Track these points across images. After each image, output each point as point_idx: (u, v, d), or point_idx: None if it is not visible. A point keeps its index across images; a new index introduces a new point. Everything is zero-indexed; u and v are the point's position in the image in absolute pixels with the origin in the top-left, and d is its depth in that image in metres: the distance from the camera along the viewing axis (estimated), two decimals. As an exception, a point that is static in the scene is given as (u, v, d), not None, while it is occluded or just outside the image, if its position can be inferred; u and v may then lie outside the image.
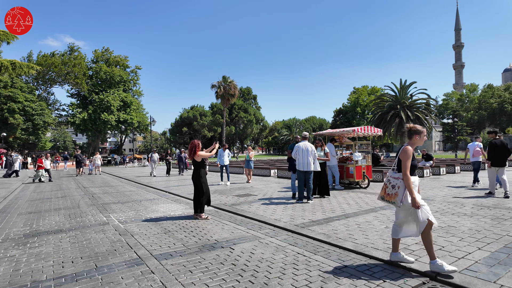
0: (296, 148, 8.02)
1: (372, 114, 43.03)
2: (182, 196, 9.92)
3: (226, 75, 47.31)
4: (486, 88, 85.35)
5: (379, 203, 7.62)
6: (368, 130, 10.40)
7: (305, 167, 7.89)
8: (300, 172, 7.98)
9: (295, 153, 8.06)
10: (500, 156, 8.27)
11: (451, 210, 6.53)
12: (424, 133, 3.67)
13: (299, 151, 7.95)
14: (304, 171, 7.93)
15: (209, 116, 65.98)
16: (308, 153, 7.92)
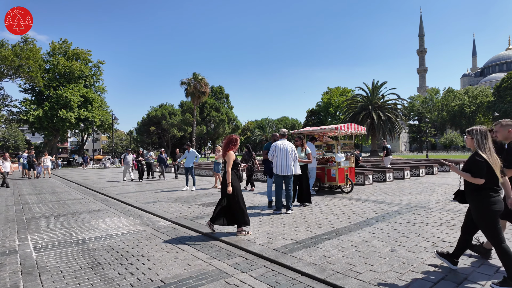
0: (273, 148, 6.67)
1: (344, 115, 43.02)
2: (135, 206, 8.21)
3: (196, 72, 45.24)
4: (447, 92, 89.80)
5: (369, 212, 6.46)
6: (352, 128, 9.30)
7: (284, 171, 6.56)
8: (278, 176, 6.63)
9: (272, 154, 6.70)
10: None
11: (460, 223, 5.46)
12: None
13: (277, 151, 6.60)
14: (283, 175, 6.60)
15: (178, 115, 63.15)
16: (287, 153, 6.60)
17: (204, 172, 17.93)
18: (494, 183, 3.06)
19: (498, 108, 67.43)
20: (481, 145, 3.10)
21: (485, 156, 3.03)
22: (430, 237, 4.63)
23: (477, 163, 3.03)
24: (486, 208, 3.03)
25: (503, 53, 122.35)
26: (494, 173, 3.02)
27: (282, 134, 6.81)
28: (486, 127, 3.25)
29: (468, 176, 3.11)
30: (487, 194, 3.04)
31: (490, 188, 3.05)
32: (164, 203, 8.51)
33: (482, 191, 3.06)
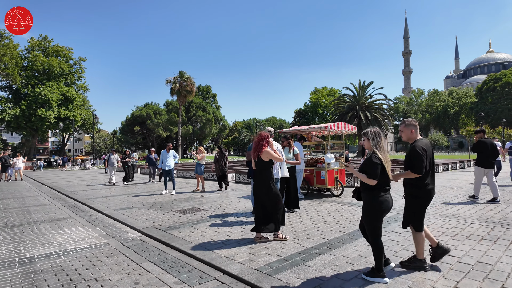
0: None
1: (332, 115, 42.87)
2: (105, 213, 7.39)
3: (183, 71, 44.15)
4: (431, 93, 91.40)
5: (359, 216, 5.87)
6: (342, 127, 8.74)
7: (277, 173, 5.89)
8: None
9: None
10: (491, 157, 7.39)
11: (463, 232, 4.93)
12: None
13: None
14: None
15: (164, 115, 61.70)
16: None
17: (189, 174, 17.09)
18: (385, 183, 3.18)
19: (480, 109, 68.96)
20: (377, 144, 3.22)
21: (381, 156, 3.15)
22: (434, 251, 4.05)
23: (374, 164, 3.12)
24: (374, 206, 3.16)
25: (484, 55, 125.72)
26: (386, 174, 3.15)
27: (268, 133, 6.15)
28: (378, 129, 3.36)
29: (364, 177, 3.18)
30: (377, 194, 3.16)
31: (381, 188, 3.17)
32: (138, 209, 7.72)
33: (374, 190, 3.18)
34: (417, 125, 3.53)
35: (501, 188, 9.76)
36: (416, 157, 3.27)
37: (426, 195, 3.34)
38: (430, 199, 3.38)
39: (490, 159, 7.41)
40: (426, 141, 3.45)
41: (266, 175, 4.61)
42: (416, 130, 3.51)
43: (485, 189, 9.55)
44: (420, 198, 3.36)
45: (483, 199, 7.84)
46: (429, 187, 3.34)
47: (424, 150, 3.30)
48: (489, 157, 7.40)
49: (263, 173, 4.62)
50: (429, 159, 3.37)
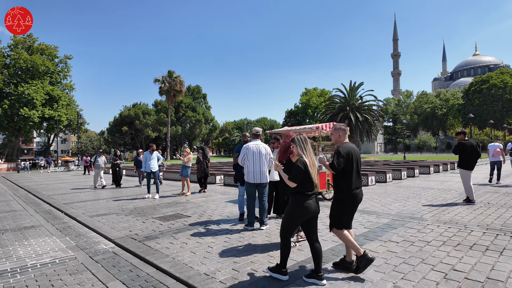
0: (244, 151, 5.55)
1: (323, 116, 42.73)
2: (79, 221, 6.81)
3: (172, 70, 43.34)
4: (420, 94, 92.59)
5: (357, 226, 5.47)
6: (334, 127, 8.35)
7: (258, 178, 5.46)
8: (251, 185, 5.51)
9: (243, 158, 5.58)
10: (472, 159, 7.55)
11: (465, 241, 4.56)
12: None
13: (249, 154, 5.49)
14: (256, 183, 5.49)
15: (153, 115, 60.58)
16: (261, 157, 5.50)
17: (176, 176, 16.43)
18: (308, 189, 3.23)
19: (467, 111, 70.02)
20: (304, 150, 3.30)
21: (307, 161, 3.22)
22: (437, 264, 3.67)
23: (297, 168, 3.19)
24: (294, 210, 3.22)
25: (471, 58, 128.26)
26: (310, 179, 3.21)
27: (255, 134, 5.71)
28: (305, 136, 3.42)
29: (286, 177, 3.30)
30: (300, 198, 3.21)
31: (303, 193, 3.23)
32: (116, 215, 7.15)
33: (297, 195, 3.25)
34: (346, 129, 3.65)
35: (500, 189, 9.57)
36: (337, 156, 3.39)
37: (350, 198, 3.41)
38: (356, 202, 3.45)
39: (471, 160, 7.52)
40: (351, 145, 3.52)
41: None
42: (344, 134, 3.62)
43: (480, 191, 9.31)
44: (344, 201, 3.44)
45: (479, 202, 7.57)
46: (353, 191, 3.41)
47: (347, 153, 3.40)
48: (470, 158, 7.50)
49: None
50: (355, 163, 3.46)
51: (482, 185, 11.00)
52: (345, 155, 3.36)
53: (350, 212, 3.48)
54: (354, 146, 3.54)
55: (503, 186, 10.55)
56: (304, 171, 3.17)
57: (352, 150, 3.46)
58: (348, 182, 3.40)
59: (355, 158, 3.45)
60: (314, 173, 3.23)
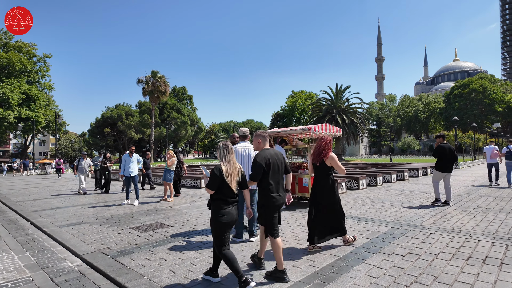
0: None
1: (309, 118, 42.64)
2: (45, 232, 6.07)
3: (156, 70, 42.21)
4: (403, 98, 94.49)
5: (352, 233, 5.01)
6: (327, 129, 7.91)
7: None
8: (239, 192, 4.95)
9: None
10: (449, 162, 7.75)
11: (476, 253, 4.16)
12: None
13: (237, 157, 4.93)
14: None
15: (136, 116, 59.01)
16: (249, 160, 4.97)
17: (160, 180, 15.68)
18: (226, 195, 3.19)
19: (449, 114, 71.83)
20: (222, 157, 3.28)
21: (224, 168, 3.19)
22: (453, 283, 3.22)
23: (213, 175, 3.18)
24: (215, 218, 3.18)
25: (451, 63, 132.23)
26: (228, 186, 3.17)
27: (243, 135, 5.15)
28: (228, 141, 3.40)
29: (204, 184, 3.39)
30: (218, 205, 3.19)
31: (221, 199, 3.19)
32: (89, 225, 6.44)
33: (216, 201, 3.22)
34: (266, 136, 3.73)
35: (493, 192, 9.38)
36: (253, 166, 3.46)
37: (270, 203, 3.45)
38: (276, 207, 3.49)
39: (448, 163, 7.70)
40: (270, 152, 3.57)
41: (332, 179, 4.48)
42: (263, 140, 3.72)
43: (473, 195, 9.08)
44: (266, 206, 3.48)
45: (476, 206, 7.29)
46: (272, 195, 3.46)
47: (264, 160, 3.45)
48: (447, 162, 7.68)
49: (326, 179, 4.43)
50: (275, 168, 3.52)
51: (479, 187, 11.25)
52: (261, 163, 3.43)
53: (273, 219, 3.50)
54: (274, 152, 3.61)
55: (497, 188, 10.74)
56: (219, 177, 3.15)
57: (271, 156, 3.54)
58: (266, 188, 3.47)
59: (274, 164, 3.52)
60: (233, 181, 3.20)
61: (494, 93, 66.72)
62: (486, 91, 66.81)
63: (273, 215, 3.49)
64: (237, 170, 3.28)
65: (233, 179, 3.21)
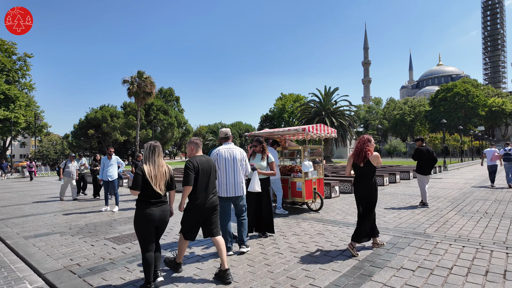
0: (214, 157, 4.40)
1: (298, 121, 42.42)
2: (7, 244, 5.35)
3: (142, 70, 41.10)
4: (389, 101, 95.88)
5: (358, 248, 4.54)
6: (322, 130, 7.46)
7: (232, 190, 4.35)
8: (223, 200, 4.39)
9: None
10: (427, 164, 7.92)
11: (493, 266, 3.74)
12: None
13: (220, 161, 4.36)
14: (229, 197, 4.38)
15: (121, 118, 57.49)
16: (235, 164, 4.41)
17: None
18: (148, 196, 3.19)
19: (434, 117, 73.12)
20: (146, 158, 3.27)
21: (146, 169, 3.19)
22: (478, 306, 2.77)
23: (136, 176, 3.19)
24: (135, 219, 3.23)
25: (435, 68, 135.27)
26: (150, 187, 3.16)
27: (225, 137, 4.57)
28: (156, 143, 3.38)
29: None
30: (140, 206, 3.20)
31: (142, 200, 3.20)
32: (60, 236, 5.76)
33: (138, 202, 3.24)
34: (198, 143, 3.79)
35: (489, 194, 9.13)
36: (184, 171, 3.52)
37: (194, 208, 3.52)
38: (200, 212, 3.54)
39: (426, 166, 7.88)
40: (200, 158, 3.66)
41: (375, 180, 4.47)
42: (196, 147, 3.77)
43: (469, 198, 8.80)
44: (189, 210, 3.56)
45: (475, 211, 6.97)
46: (198, 201, 3.52)
47: (194, 166, 3.54)
48: (426, 164, 7.86)
49: (370, 179, 4.41)
50: (204, 175, 3.59)
51: (474, 188, 11.50)
52: (192, 169, 3.52)
53: (191, 223, 3.57)
54: (204, 159, 3.70)
55: (493, 190, 10.95)
56: (142, 177, 3.15)
57: (201, 162, 3.63)
58: (193, 193, 3.53)
59: (204, 170, 3.60)
60: (158, 183, 3.20)
61: (477, 97, 68.29)
62: (469, 95, 68.33)
63: (192, 219, 3.56)
64: (164, 173, 3.27)
65: (159, 181, 3.21)
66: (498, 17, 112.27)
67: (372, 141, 4.47)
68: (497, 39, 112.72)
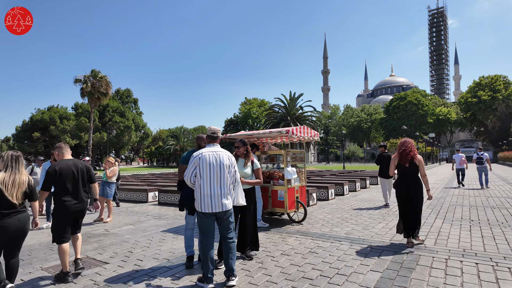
0: (195, 162, 3.46)
1: (264, 126, 42.09)
2: None
3: (97, 69, 38.04)
4: (346, 108, 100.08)
5: (357, 267, 3.85)
6: (305, 132, 6.77)
7: (217, 204, 3.41)
8: (206, 216, 3.44)
9: (192, 174, 3.48)
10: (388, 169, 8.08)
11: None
12: None
13: (203, 167, 3.42)
14: (214, 213, 3.44)
15: (72, 120, 52.82)
16: (223, 172, 3.49)
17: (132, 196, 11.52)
18: (1, 207, 3.13)
19: (388, 124, 77.39)
20: (6, 166, 3.27)
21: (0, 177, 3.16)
22: None
23: None
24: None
25: (388, 78, 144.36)
26: (5, 198, 3.12)
27: (211, 135, 3.65)
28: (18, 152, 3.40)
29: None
30: None
31: None
32: (-23, 268, 4.34)
33: None
34: (62, 147, 3.93)
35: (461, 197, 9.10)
36: (45, 176, 3.68)
37: (61, 211, 3.65)
38: (67, 214, 3.67)
39: (387, 170, 8.17)
40: (65, 163, 3.77)
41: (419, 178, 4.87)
42: (60, 151, 3.90)
43: (445, 205, 8.67)
44: (56, 214, 3.67)
45: (458, 218, 6.71)
46: (66, 203, 3.65)
47: (54, 171, 3.65)
48: (386, 168, 8.42)
49: (418, 177, 4.85)
50: (65, 179, 3.68)
51: (449, 188, 13.06)
52: (51, 173, 3.64)
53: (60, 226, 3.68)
54: (69, 164, 3.78)
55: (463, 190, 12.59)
56: None
57: (64, 166, 3.73)
58: (61, 197, 3.66)
59: (65, 174, 3.69)
60: (14, 192, 3.17)
61: (426, 105, 73.56)
62: (420, 103, 73.42)
63: (63, 222, 3.68)
64: (22, 182, 3.26)
65: (15, 190, 3.18)
66: (442, 34, 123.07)
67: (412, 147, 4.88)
68: (441, 54, 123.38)
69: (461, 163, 13.54)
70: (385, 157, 8.86)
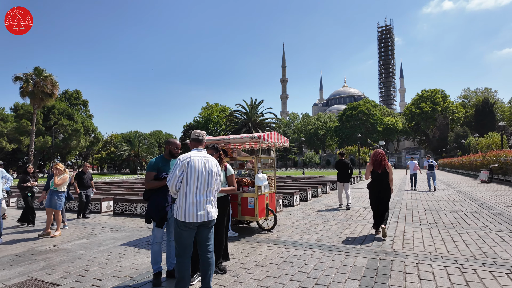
0: (181, 166, 3.12)
1: (224, 131, 41.70)
2: None
3: (41, 67, 34.78)
4: (304, 116, 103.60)
5: (332, 274, 3.77)
6: (276, 138, 6.66)
7: (202, 214, 3.11)
8: (188, 227, 3.11)
9: (179, 178, 3.12)
10: (343, 174, 9.70)
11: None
12: None
13: (192, 174, 3.11)
14: (198, 223, 3.13)
15: (11, 122, 47.67)
16: (211, 179, 3.22)
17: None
18: None
19: (342, 132, 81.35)
20: None
21: None
22: None
23: None
24: None
25: (341, 89, 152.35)
26: None
27: (196, 138, 3.38)
28: None
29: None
30: None
31: None
32: None
33: None
34: None
35: (415, 201, 9.65)
36: None
37: None
38: None
39: (344, 176, 9.67)
40: None
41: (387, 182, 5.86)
42: None
43: (409, 210, 9.13)
44: None
45: (421, 220, 7.06)
46: None
47: None
48: (344, 174, 9.63)
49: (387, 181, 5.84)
50: None
51: (404, 191, 14.69)
52: None
53: None
54: None
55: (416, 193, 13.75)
56: None
57: None
58: None
59: None
60: None
61: (376, 115, 78.73)
62: (370, 113, 78.38)
63: None
64: None
65: None
66: (390, 50, 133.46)
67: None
68: (389, 68, 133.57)
69: (414, 169, 15.40)
70: (341, 164, 9.70)
